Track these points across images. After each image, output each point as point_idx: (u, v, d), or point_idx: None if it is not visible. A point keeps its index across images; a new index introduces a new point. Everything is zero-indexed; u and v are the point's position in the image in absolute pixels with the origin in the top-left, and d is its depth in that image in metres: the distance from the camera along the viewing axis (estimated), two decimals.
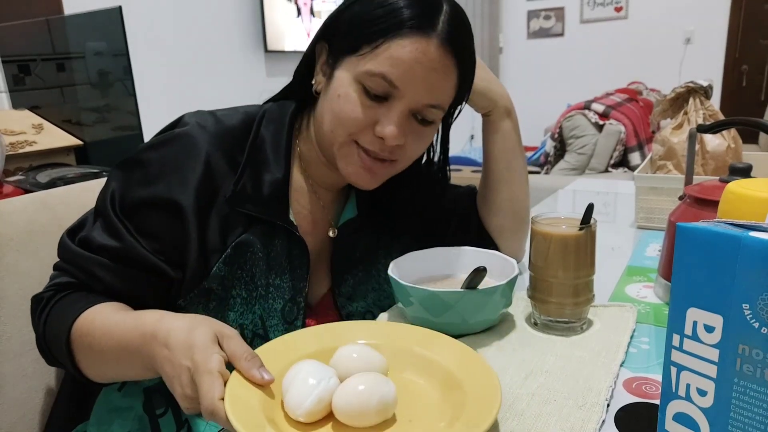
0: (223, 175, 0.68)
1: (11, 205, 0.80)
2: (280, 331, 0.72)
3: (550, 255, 0.68)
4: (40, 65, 2.70)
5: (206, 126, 0.69)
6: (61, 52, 2.69)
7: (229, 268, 0.68)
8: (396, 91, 0.66)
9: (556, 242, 0.68)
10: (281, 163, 0.71)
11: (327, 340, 0.61)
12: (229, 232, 0.68)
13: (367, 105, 0.66)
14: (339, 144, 0.69)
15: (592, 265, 0.69)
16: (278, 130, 0.73)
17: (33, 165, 2.37)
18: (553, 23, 4.88)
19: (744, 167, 0.78)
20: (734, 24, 4.23)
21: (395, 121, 0.66)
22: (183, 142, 0.68)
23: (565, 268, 0.68)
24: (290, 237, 0.72)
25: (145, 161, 0.67)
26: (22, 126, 2.49)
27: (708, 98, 1.23)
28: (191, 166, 0.66)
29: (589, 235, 0.68)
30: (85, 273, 0.66)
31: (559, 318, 0.69)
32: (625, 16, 4.59)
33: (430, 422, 0.51)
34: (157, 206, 0.66)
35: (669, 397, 0.41)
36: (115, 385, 0.72)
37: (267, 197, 0.69)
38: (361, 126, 0.67)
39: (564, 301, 0.68)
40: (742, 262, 0.35)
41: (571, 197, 1.47)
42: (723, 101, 4.29)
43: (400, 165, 0.73)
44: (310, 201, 0.78)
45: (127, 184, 0.67)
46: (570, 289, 0.68)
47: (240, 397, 0.50)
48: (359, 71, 0.66)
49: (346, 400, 0.49)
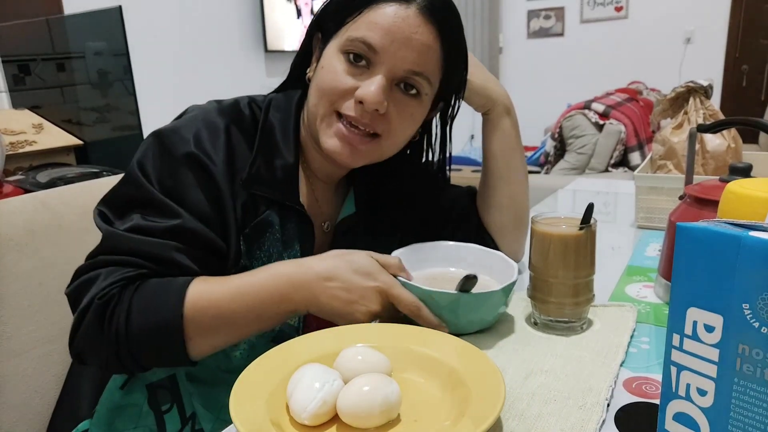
0: (241, 154, 0.70)
1: (11, 205, 0.80)
2: None
3: (550, 255, 0.68)
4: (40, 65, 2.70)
5: (219, 108, 0.71)
6: (61, 52, 2.69)
7: (248, 247, 0.70)
8: (376, 56, 0.67)
9: (556, 242, 0.67)
10: (291, 149, 0.73)
11: (330, 343, 0.61)
12: (250, 213, 0.70)
13: (349, 72, 0.68)
14: (321, 117, 0.70)
15: (592, 265, 0.69)
16: (285, 118, 0.74)
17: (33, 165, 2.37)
18: (553, 23, 4.88)
19: (744, 167, 0.78)
20: (734, 24, 4.23)
21: (375, 84, 0.66)
22: (203, 120, 0.69)
23: (565, 267, 0.67)
24: (300, 219, 0.74)
25: (168, 142, 0.67)
26: (22, 126, 2.49)
27: (708, 98, 1.23)
28: (215, 141, 0.68)
29: (589, 235, 0.68)
30: (158, 261, 0.64)
31: (559, 318, 0.69)
32: (625, 16, 4.59)
33: (435, 421, 0.51)
34: (196, 167, 0.66)
35: (669, 396, 0.41)
36: (118, 383, 0.72)
37: (280, 180, 0.71)
38: (342, 93, 0.68)
39: (564, 301, 0.68)
40: (742, 262, 0.35)
41: (571, 197, 1.47)
42: (723, 101, 4.29)
43: (385, 143, 0.72)
44: (307, 192, 0.79)
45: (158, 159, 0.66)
46: (570, 289, 0.68)
47: (245, 401, 0.50)
48: (341, 41, 0.68)
49: (350, 402, 0.49)
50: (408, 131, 0.74)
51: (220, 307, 0.62)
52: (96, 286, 0.62)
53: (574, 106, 3.72)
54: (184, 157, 0.66)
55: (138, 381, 0.72)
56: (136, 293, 0.61)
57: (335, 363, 0.56)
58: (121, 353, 0.61)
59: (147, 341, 0.61)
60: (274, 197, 0.71)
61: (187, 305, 0.61)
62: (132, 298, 0.61)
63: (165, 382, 0.72)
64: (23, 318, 0.77)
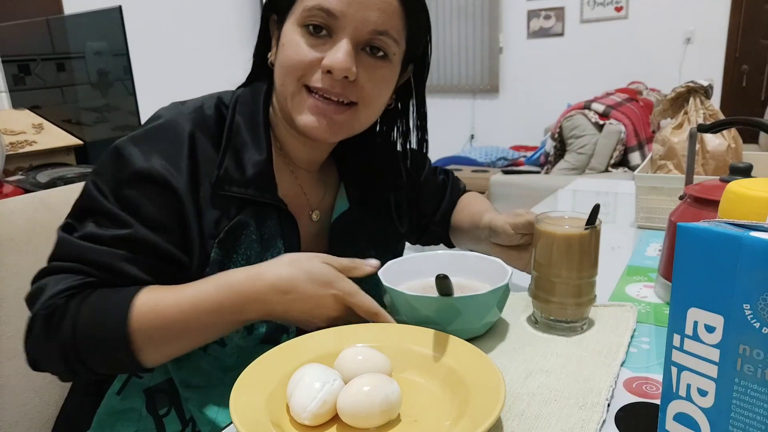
0: (207, 160, 0.68)
1: (11, 205, 0.80)
2: None
3: (554, 254, 0.67)
4: (40, 65, 2.70)
5: (184, 113, 0.69)
6: (61, 52, 2.69)
7: (223, 252, 0.68)
8: (337, 22, 0.65)
9: (561, 242, 0.67)
10: (261, 145, 0.71)
11: (330, 343, 0.61)
12: (223, 216, 0.68)
13: (311, 44, 0.66)
14: (291, 95, 0.68)
15: (595, 266, 0.69)
16: (253, 113, 0.72)
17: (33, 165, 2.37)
18: (553, 23, 4.88)
19: (744, 167, 0.78)
20: (734, 24, 4.22)
21: (341, 50, 0.65)
22: (165, 129, 0.67)
23: (569, 268, 0.67)
24: (281, 215, 0.72)
25: (126, 154, 0.65)
26: (22, 126, 2.49)
27: (708, 98, 1.23)
28: (178, 151, 0.66)
29: (594, 235, 0.67)
30: (105, 269, 0.63)
31: (561, 318, 0.69)
32: (625, 16, 4.58)
33: (435, 421, 0.51)
34: (151, 182, 0.64)
35: (669, 397, 0.41)
36: (115, 389, 0.72)
37: (252, 177, 0.69)
38: (307, 66, 0.66)
39: (566, 301, 0.68)
40: (743, 262, 0.35)
41: (571, 197, 1.47)
42: (723, 101, 4.28)
43: (362, 110, 0.70)
44: (290, 184, 0.77)
45: (114, 173, 0.65)
46: (573, 289, 0.67)
47: (245, 401, 0.50)
48: (297, 14, 0.66)
49: (350, 402, 0.49)
50: (383, 96, 0.72)
51: (168, 319, 0.61)
52: (44, 294, 0.62)
53: (574, 106, 3.71)
54: (138, 172, 0.64)
55: (135, 386, 0.71)
56: (83, 304, 0.61)
57: (335, 363, 0.56)
58: (72, 363, 0.61)
59: (96, 352, 0.61)
60: (247, 196, 0.68)
61: (134, 317, 0.60)
62: (78, 310, 0.60)
63: (162, 386, 0.71)
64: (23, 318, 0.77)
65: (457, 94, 5.28)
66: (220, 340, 0.69)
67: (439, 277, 0.62)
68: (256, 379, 0.54)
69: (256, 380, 0.54)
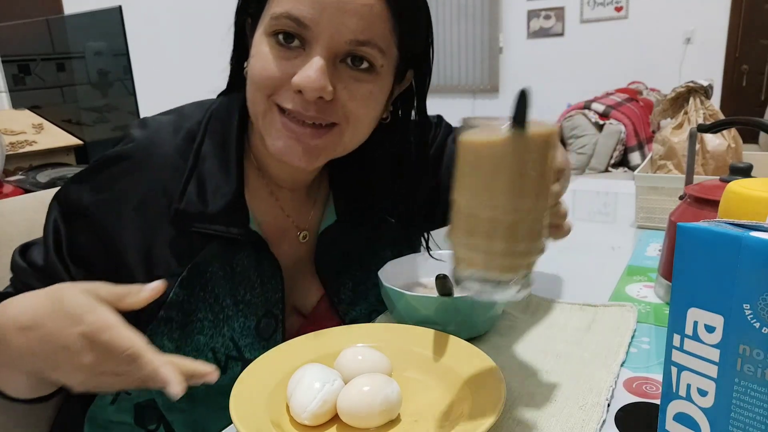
0: (169, 194, 0.62)
1: (11, 205, 0.80)
2: (257, 350, 0.66)
3: (464, 174, 0.46)
4: (40, 65, 2.71)
5: (150, 140, 0.64)
6: (61, 52, 2.69)
7: (188, 291, 0.62)
8: (309, 33, 0.55)
9: (471, 153, 0.45)
10: (231, 170, 0.64)
11: (330, 343, 0.61)
12: (185, 253, 0.62)
13: (281, 57, 0.56)
14: (262, 114, 0.59)
15: (537, 195, 0.45)
16: (226, 133, 0.65)
17: (33, 165, 2.38)
18: (553, 23, 4.88)
19: (744, 167, 0.78)
20: (734, 24, 4.22)
21: (313, 66, 0.54)
22: (123, 160, 0.63)
23: (485, 194, 0.44)
24: (257, 248, 0.66)
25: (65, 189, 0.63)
26: (22, 126, 2.49)
27: (708, 98, 1.23)
28: (132, 190, 0.62)
29: (523, 144, 0.43)
30: (22, 285, 0.61)
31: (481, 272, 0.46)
32: (625, 16, 4.58)
33: (436, 421, 0.51)
34: (89, 223, 0.61)
35: (669, 397, 0.41)
36: (108, 399, 0.70)
37: (218, 212, 0.62)
38: (276, 83, 0.57)
39: (487, 245, 0.45)
40: (743, 262, 0.35)
41: (571, 197, 1.47)
42: (723, 101, 4.28)
43: (346, 132, 0.61)
44: (270, 207, 0.70)
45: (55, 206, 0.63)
46: (492, 226, 0.44)
47: (245, 401, 0.50)
48: (266, 22, 0.57)
49: (350, 402, 0.49)
50: (371, 113, 0.61)
51: None
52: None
53: (574, 106, 3.72)
54: (69, 207, 0.62)
55: (125, 400, 0.70)
56: None
57: (335, 363, 0.56)
58: None
59: None
60: (211, 231, 0.62)
61: None
62: None
63: (152, 402, 0.69)
64: None
65: (457, 94, 5.28)
66: None
67: (439, 277, 0.61)
68: (256, 379, 0.54)
69: (256, 380, 0.54)
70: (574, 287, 0.83)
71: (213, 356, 0.64)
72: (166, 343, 0.63)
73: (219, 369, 0.62)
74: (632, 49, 4.54)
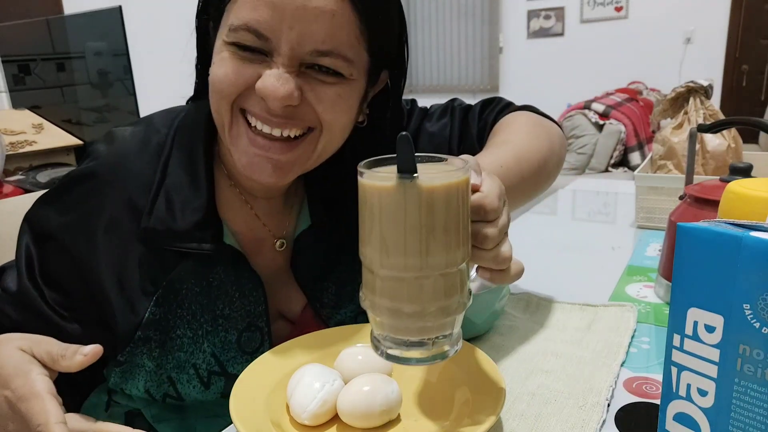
0: (138, 212, 0.60)
1: (11, 205, 0.80)
2: (241, 364, 0.64)
3: (363, 222, 0.43)
4: (40, 65, 2.71)
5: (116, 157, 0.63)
6: (61, 52, 2.69)
7: (164, 309, 0.61)
8: (269, 44, 0.52)
9: (364, 198, 0.42)
10: (201, 183, 0.61)
11: (330, 343, 0.61)
12: (158, 272, 0.61)
13: (243, 64, 0.54)
14: (228, 125, 0.57)
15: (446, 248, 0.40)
16: (193, 148, 0.63)
17: (33, 165, 2.38)
18: (553, 23, 4.88)
19: (744, 167, 0.78)
20: (734, 24, 4.23)
21: (274, 75, 0.52)
22: (86, 179, 0.62)
23: (383, 248, 0.40)
24: (234, 260, 0.64)
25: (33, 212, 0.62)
26: (22, 126, 2.49)
27: (708, 98, 1.23)
28: (99, 211, 0.60)
29: (415, 194, 0.38)
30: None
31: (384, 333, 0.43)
32: (625, 16, 4.59)
33: (435, 421, 0.51)
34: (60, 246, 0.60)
35: (669, 397, 0.41)
36: (102, 407, 0.70)
37: (189, 227, 0.60)
38: (241, 88, 0.54)
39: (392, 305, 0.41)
40: (743, 262, 0.35)
41: (571, 197, 1.47)
42: (723, 101, 4.29)
43: (322, 138, 0.58)
44: (244, 217, 0.67)
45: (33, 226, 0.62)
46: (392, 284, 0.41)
47: (245, 401, 0.50)
48: (224, 30, 0.54)
49: (350, 402, 0.49)
50: (342, 117, 0.58)
51: None
52: None
53: (574, 106, 3.72)
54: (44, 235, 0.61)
55: (116, 407, 0.69)
56: None
57: (335, 363, 0.56)
58: None
59: None
60: (182, 248, 0.60)
61: None
62: None
63: (140, 412, 0.69)
64: None
65: (457, 94, 5.27)
66: (176, 395, 0.64)
67: None
68: (256, 379, 0.54)
69: (256, 380, 0.54)
70: (574, 287, 0.83)
71: (195, 372, 0.63)
72: (147, 362, 0.61)
73: (202, 385, 0.62)
74: (632, 49, 4.55)
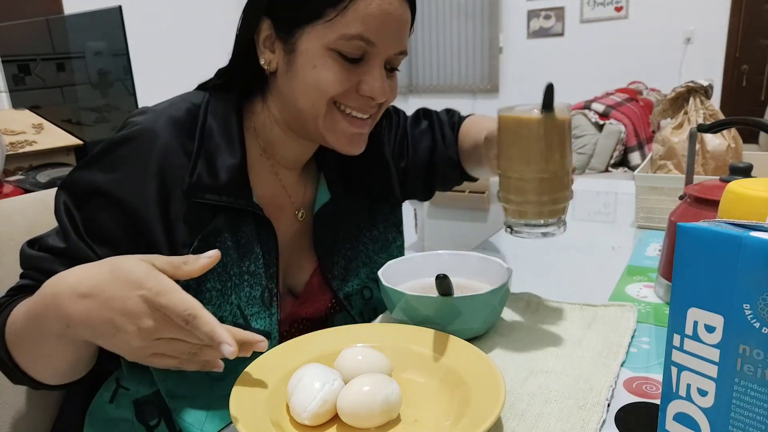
0: (179, 168, 0.65)
1: (11, 205, 0.80)
2: (262, 319, 0.70)
3: (506, 145, 0.62)
4: (40, 65, 2.71)
5: (155, 120, 0.67)
6: (61, 52, 2.69)
7: None
8: (374, 50, 0.65)
9: (512, 129, 0.61)
10: (235, 148, 0.69)
11: (330, 343, 0.61)
12: (196, 224, 0.66)
13: (347, 68, 0.65)
14: (323, 116, 0.68)
15: (561, 159, 0.61)
16: (226, 118, 0.70)
17: (33, 165, 2.38)
18: (553, 23, 4.88)
19: (744, 167, 0.78)
20: (734, 24, 4.22)
21: (379, 78, 0.67)
22: (132, 140, 0.65)
23: (525, 161, 0.61)
24: (257, 220, 0.70)
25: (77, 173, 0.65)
26: (22, 126, 2.49)
27: (708, 98, 1.23)
28: (143, 162, 0.64)
29: (551, 121, 0.60)
30: (42, 273, 0.61)
31: (523, 220, 0.64)
32: (625, 16, 4.58)
33: (436, 421, 0.51)
34: (109, 201, 0.63)
35: (669, 397, 0.41)
36: (106, 397, 0.71)
37: (226, 183, 0.67)
38: (343, 89, 0.66)
39: (528, 199, 0.62)
40: (743, 262, 0.35)
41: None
42: (723, 101, 4.28)
43: (380, 112, 0.74)
44: (271, 185, 0.75)
45: (68, 190, 0.65)
46: (533, 184, 0.61)
47: (245, 401, 0.50)
48: (331, 38, 0.64)
49: (350, 402, 0.49)
50: (393, 99, 0.74)
51: (16, 332, 0.57)
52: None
53: (574, 106, 3.72)
54: (88, 189, 0.63)
55: (124, 396, 0.70)
56: (9, 306, 0.60)
57: (335, 363, 0.56)
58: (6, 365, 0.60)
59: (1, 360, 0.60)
60: (221, 203, 0.66)
61: (6, 327, 0.59)
62: (3, 310, 0.60)
63: (151, 398, 0.70)
64: None
65: (457, 94, 5.28)
66: None
67: (439, 276, 0.62)
68: (256, 379, 0.54)
69: (256, 380, 0.54)
70: (574, 287, 0.83)
71: None
72: None
73: None
74: (632, 49, 4.54)
